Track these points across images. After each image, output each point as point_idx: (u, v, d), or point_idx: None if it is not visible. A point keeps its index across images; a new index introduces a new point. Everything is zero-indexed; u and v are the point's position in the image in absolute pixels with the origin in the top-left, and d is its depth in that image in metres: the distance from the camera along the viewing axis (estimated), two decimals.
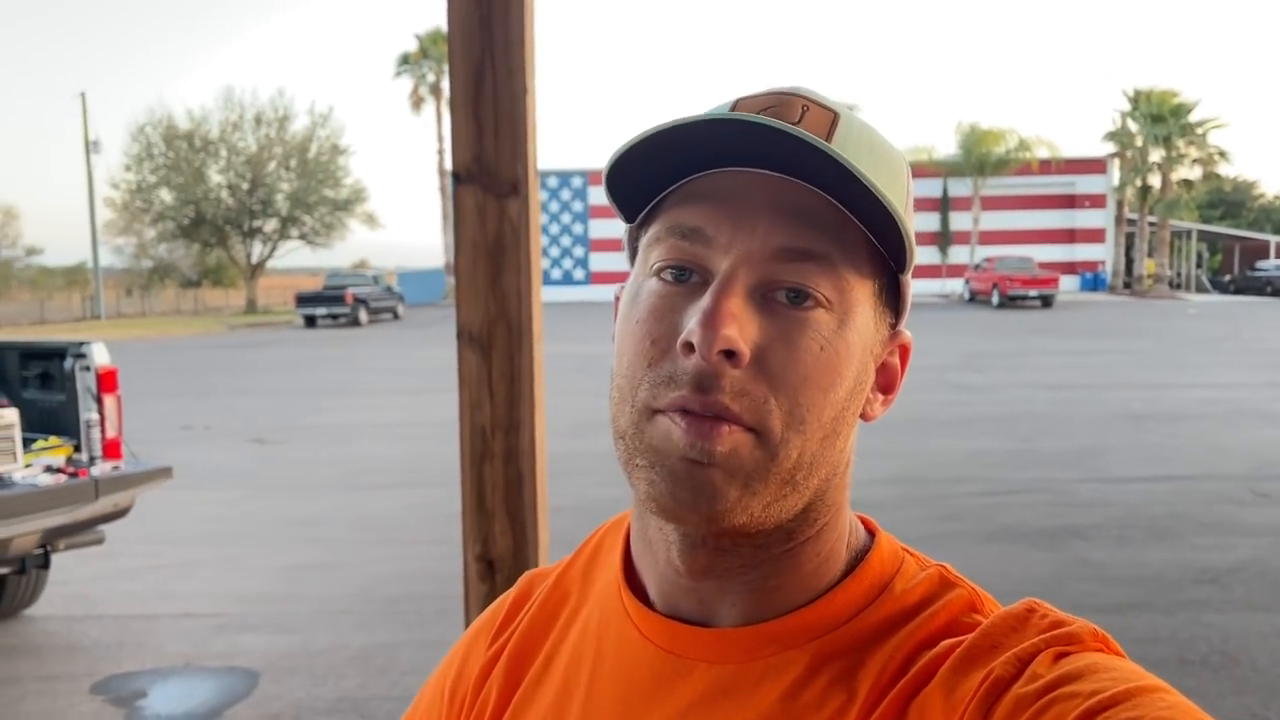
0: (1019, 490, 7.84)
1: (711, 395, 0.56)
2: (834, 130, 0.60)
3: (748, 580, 0.63)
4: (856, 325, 0.60)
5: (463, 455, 1.90)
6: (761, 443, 0.57)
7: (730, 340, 0.56)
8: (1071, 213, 42.31)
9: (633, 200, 0.64)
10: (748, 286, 0.58)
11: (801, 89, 0.63)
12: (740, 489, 0.57)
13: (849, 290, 0.60)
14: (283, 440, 10.86)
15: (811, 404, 0.58)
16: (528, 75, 1.79)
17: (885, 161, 0.62)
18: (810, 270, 0.58)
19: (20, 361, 5.19)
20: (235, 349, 23.94)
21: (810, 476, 0.60)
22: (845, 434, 0.62)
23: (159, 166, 41.38)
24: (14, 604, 5.23)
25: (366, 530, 7.09)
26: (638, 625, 0.66)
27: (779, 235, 0.58)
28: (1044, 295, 31.68)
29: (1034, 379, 14.70)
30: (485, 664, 0.75)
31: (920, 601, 0.62)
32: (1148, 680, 0.53)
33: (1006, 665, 0.56)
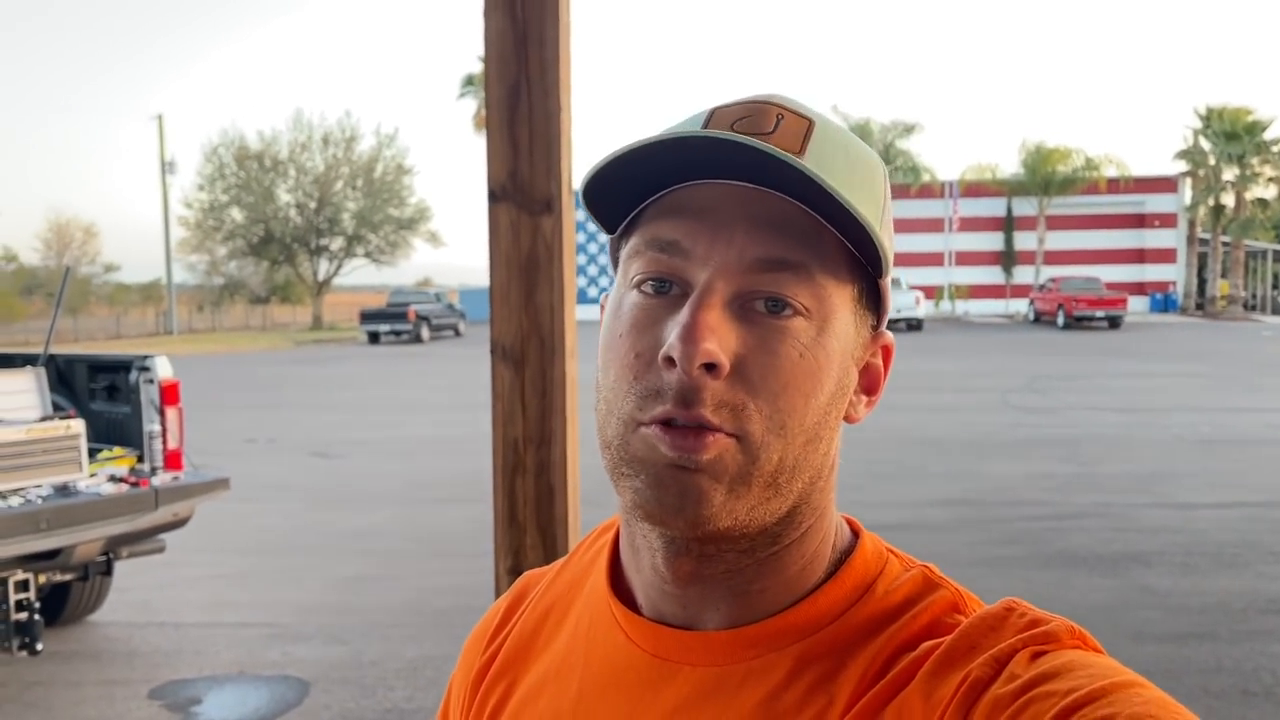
0: (1080, 515, 7.67)
1: (694, 409, 0.57)
2: (808, 138, 0.60)
3: (732, 585, 0.63)
4: (836, 331, 0.61)
5: (495, 468, 1.93)
6: (744, 448, 0.58)
7: (709, 354, 0.57)
8: (1141, 232, 41.42)
9: (613, 211, 0.64)
10: (726, 297, 0.59)
11: (776, 97, 0.63)
12: (725, 493, 0.58)
13: (827, 297, 0.60)
14: (343, 454, 11.04)
15: (792, 409, 0.59)
16: (563, 94, 1.82)
17: (860, 167, 0.62)
18: (787, 279, 0.59)
19: (88, 374, 5.36)
20: (300, 364, 24.42)
21: (793, 480, 0.60)
22: (828, 438, 0.62)
23: (230, 186, 42.51)
24: (77, 610, 5.38)
25: (421, 543, 7.17)
26: (624, 630, 0.67)
27: (755, 246, 0.59)
28: (1111, 316, 31.01)
29: (1099, 401, 14.39)
30: (481, 666, 0.76)
31: (903, 602, 0.62)
32: (1124, 676, 0.53)
33: (984, 666, 0.56)
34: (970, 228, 41.13)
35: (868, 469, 8.98)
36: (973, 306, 40.82)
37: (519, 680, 0.73)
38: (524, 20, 1.82)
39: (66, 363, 5.45)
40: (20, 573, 4.28)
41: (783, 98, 0.63)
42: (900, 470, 9.32)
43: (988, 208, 41.10)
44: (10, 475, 4.39)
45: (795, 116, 0.61)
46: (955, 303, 40.60)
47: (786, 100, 0.63)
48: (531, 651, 0.74)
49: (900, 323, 31.56)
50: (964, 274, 41.37)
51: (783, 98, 0.63)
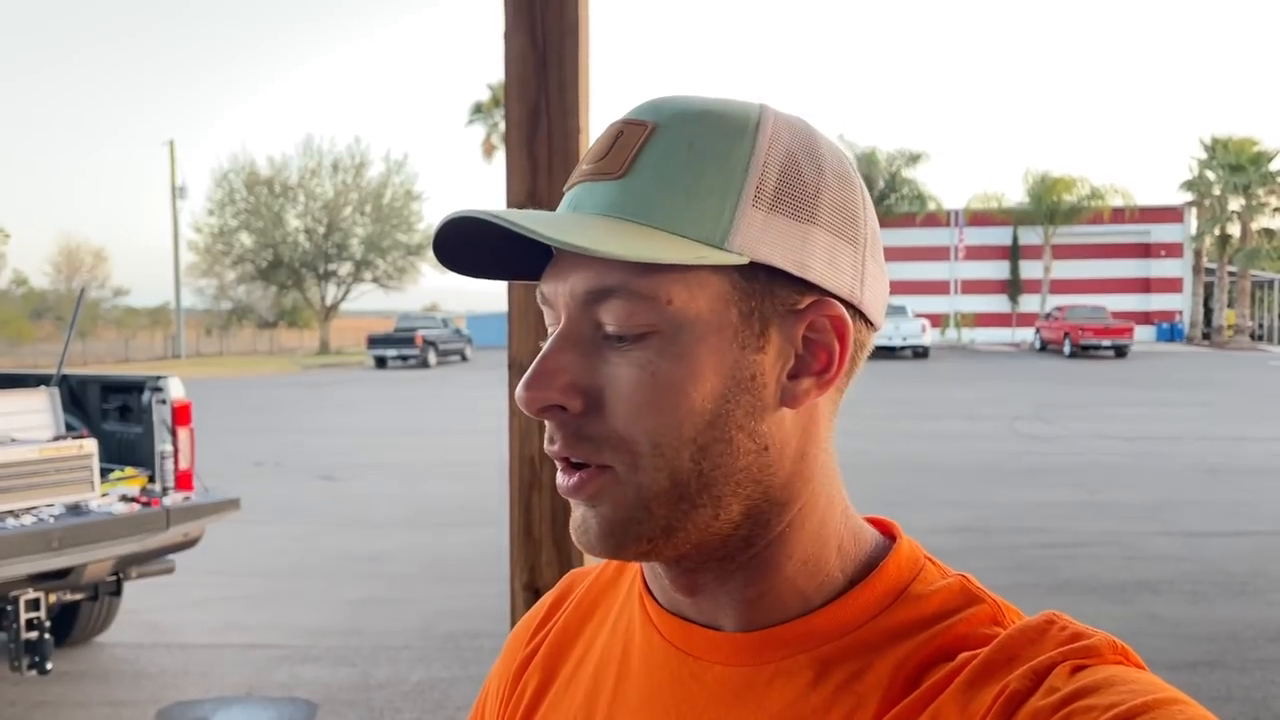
0: (1088, 543, 7.65)
1: (556, 445, 0.60)
2: (641, 147, 0.60)
3: (730, 591, 0.63)
4: (699, 333, 0.58)
5: (511, 485, 1.94)
6: (619, 477, 0.59)
7: (539, 400, 0.59)
8: (1147, 262, 41.45)
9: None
10: (578, 336, 0.60)
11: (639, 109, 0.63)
12: (624, 522, 0.60)
13: (670, 305, 0.58)
14: (351, 477, 11.05)
15: (659, 428, 0.58)
16: (581, 114, 1.86)
17: (710, 148, 0.60)
18: (615, 306, 0.58)
19: (101, 394, 5.39)
20: (308, 388, 24.46)
21: (705, 489, 0.59)
22: (743, 436, 0.59)
23: (240, 211, 42.76)
24: (86, 631, 5.38)
25: (429, 567, 7.17)
26: (659, 628, 0.68)
27: (581, 280, 0.59)
28: (1117, 345, 30.98)
29: (1106, 430, 14.36)
30: (523, 659, 0.77)
31: (938, 611, 0.62)
32: (1167, 692, 0.52)
33: (1023, 678, 0.55)
34: (976, 256, 41.19)
35: (877, 495, 8.97)
36: (979, 335, 40.81)
37: (557, 674, 0.74)
38: (544, 42, 1.86)
39: (79, 383, 5.49)
40: (31, 592, 4.29)
41: (646, 107, 0.63)
42: (909, 497, 9.30)
43: (994, 236, 41.17)
44: (23, 494, 4.42)
45: (635, 127, 0.61)
46: (961, 331, 40.60)
47: (642, 111, 0.62)
48: (573, 647, 0.75)
49: (906, 350, 31.57)
50: (970, 302, 41.39)
51: (646, 107, 0.63)
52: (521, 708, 0.75)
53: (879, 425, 14.95)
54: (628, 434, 0.59)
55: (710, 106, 0.62)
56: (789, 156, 0.61)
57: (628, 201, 0.59)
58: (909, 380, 23.78)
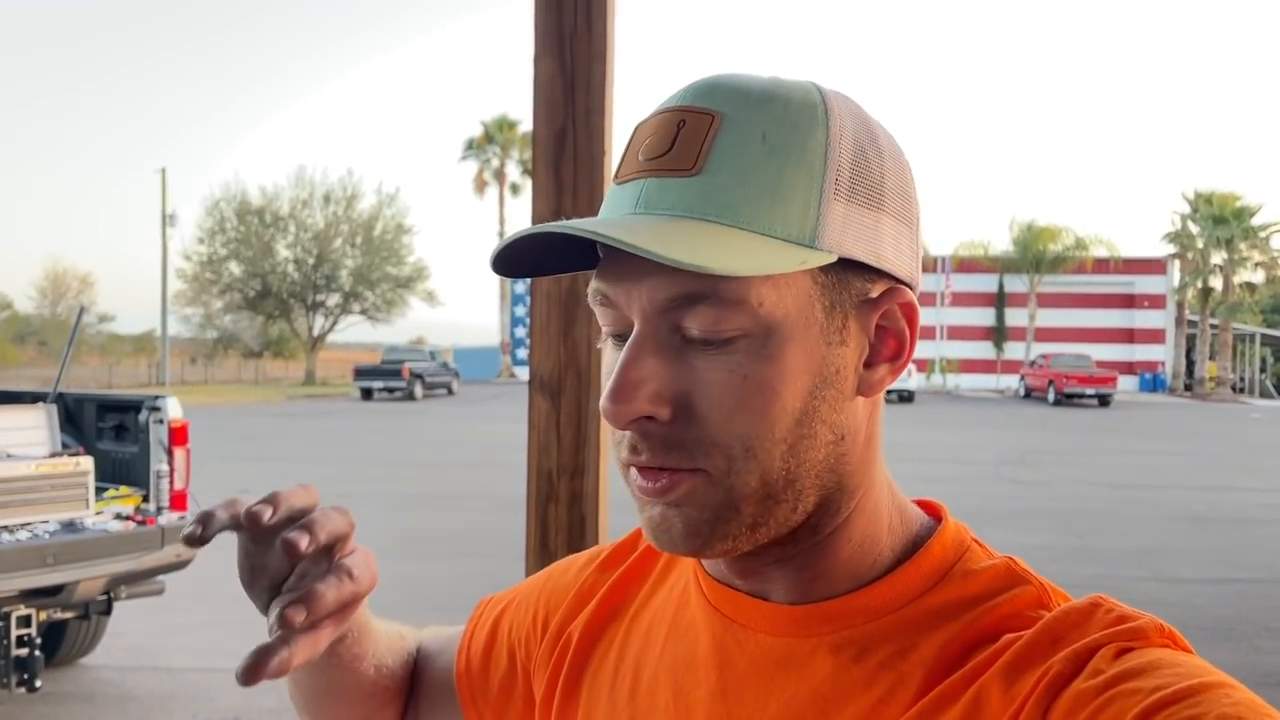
0: (1076, 586, 7.40)
1: (643, 456, 0.58)
2: (711, 139, 0.58)
3: (786, 570, 0.64)
4: (787, 333, 0.58)
5: (529, 497, 1.98)
6: (711, 481, 0.58)
7: (631, 413, 0.57)
8: (1130, 312, 41.86)
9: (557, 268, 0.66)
10: (657, 340, 0.58)
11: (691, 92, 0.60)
12: (711, 523, 0.59)
13: (761, 308, 0.57)
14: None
15: (753, 431, 0.58)
16: (606, 138, 1.91)
17: (785, 140, 0.58)
18: (702, 312, 0.57)
19: (97, 413, 5.39)
20: (293, 418, 24.35)
21: (790, 485, 0.59)
22: (825, 428, 0.60)
23: (230, 240, 42.76)
24: (73, 651, 5.34)
25: (415, 597, 7.12)
26: (706, 594, 0.69)
27: (662, 287, 0.57)
28: (1101, 394, 31.21)
29: (1091, 476, 14.44)
30: (587, 586, 0.78)
31: (982, 591, 0.61)
32: (1214, 676, 0.52)
33: (1066, 661, 0.55)
34: (962, 303, 41.52)
35: None
36: (964, 380, 41.03)
37: (614, 622, 0.76)
38: (572, 67, 1.92)
39: (76, 401, 5.48)
40: (23, 608, 4.26)
41: (700, 88, 0.60)
42: None
43: (980, 283, 41.52)
44: (19, 510, 4.41)
45: (698, 116, 0.59)
46: (946, 376, 40.82)
47: (699, 95, 0.60)
48: (630, 603, 0.76)
49: (892, 395, 31.70)
50: (955, 348, 41.65)
51: (700, 88, 0.60)
52: (573, 650, 0.76)
53: None
54: (721, 438, 0.58)
55: (770, 90, 0.60)
56: (856, 143, 0.60)
57: (709, 202, 0.57)
58: (893, 424, 23.70)
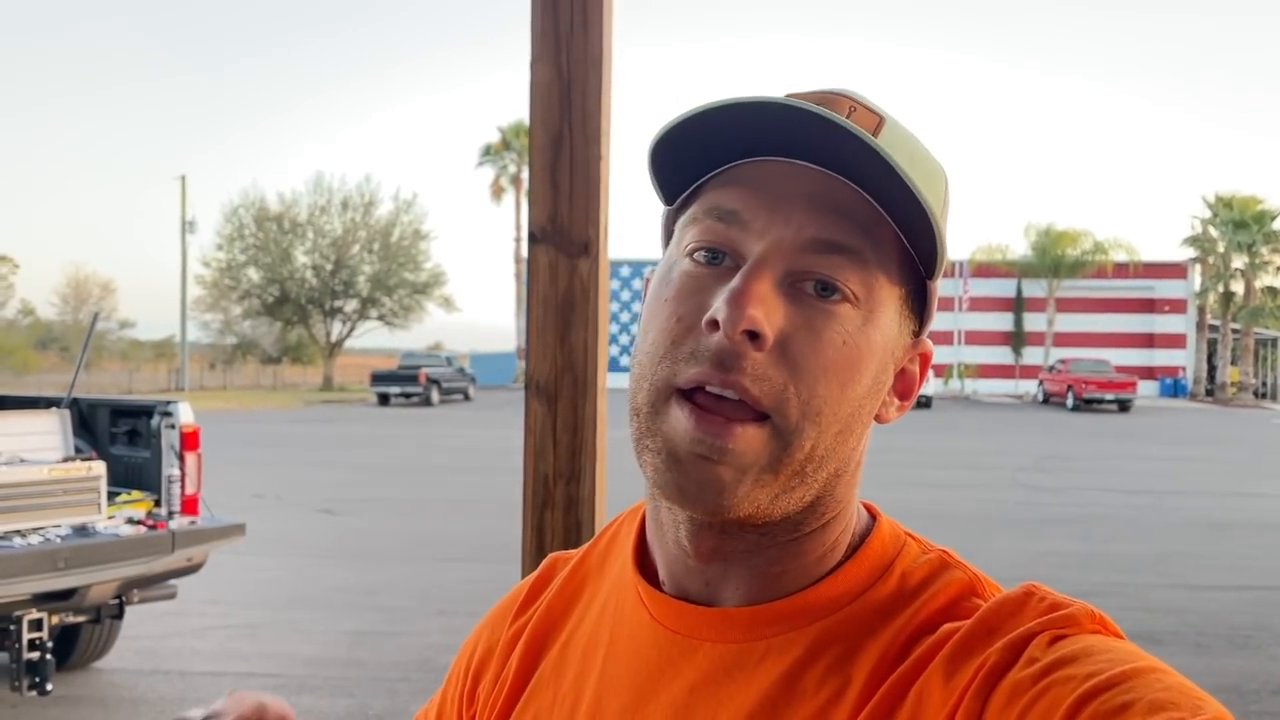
0: (1091, 593, 7.57)
1: (732, 374, 0.57)
2: (879, 133, 0.61)
3: (752, 565, 0.63)
4: (880, 325, 0.61)
5: (525, 502, 1.97)
6: (776, 434, 0.58)
7: (755, 321, 0.56)
8: (1150, 317, 41.57)
9: (673, 183, 0.64)
10: (777, 274, 0.59)
11: (849, 90, 0.63)
12: (750, 483, 0.58)
13: (876, 289, 0.60)
14: (351, 512, 11.04)
15: (829, 396, 0.59)
16: (603, 143, 1.91)
17: (925, 169, 0.63)
18: (840, 263, 0.59)
19: (110, 418, 5.42)
20: (310, 423, 24.46)
21: (820, 469, 0.60)
22: (859, 431, 0.62)
23: (249, 246, 43.03)
24: (86, 654, 5.37)
25: (427, 601, 7.15)
26: (648, 607, 0.67)
27: (813, 226, 0.59)
28: (1121, 399, 30.98)
29: (1109, 483, 14.33)
30: (507, 641, 0.76)
31: (920, 584, 0.62)
32: (1145, 661, 0.53)
33: (1003, 650, 0.55)
34: (980, 307, 41.33)
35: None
36: (982, 386, 40.83)
37: (542, 656, 0.73)
38: (569, 71, 1.92)
39: (89, 406, 5.52)
40: (34, 612, 4.29)
41: (855, 92, 0.63)
42: None
43: (998, 288, 41.34)
44: (31, 514, 4.44)
45: (867, 111, 0.62)
46: (964, 381, 40.63)
47: (858, 95, 0.63)
48: (559, 629, 0.74)
49: None
50: (973, 353, 41.46)
51: (855, 92, 0.63)
52: (506, 690, 0.74)
53: (880, 474, 14.93)
54: (803, 390, 0.58)
55: (908, 127, 0.65)
56: (949, 210, 0.66)
57: (887, 173, 0.58)
58: (911, 429, 23.75)
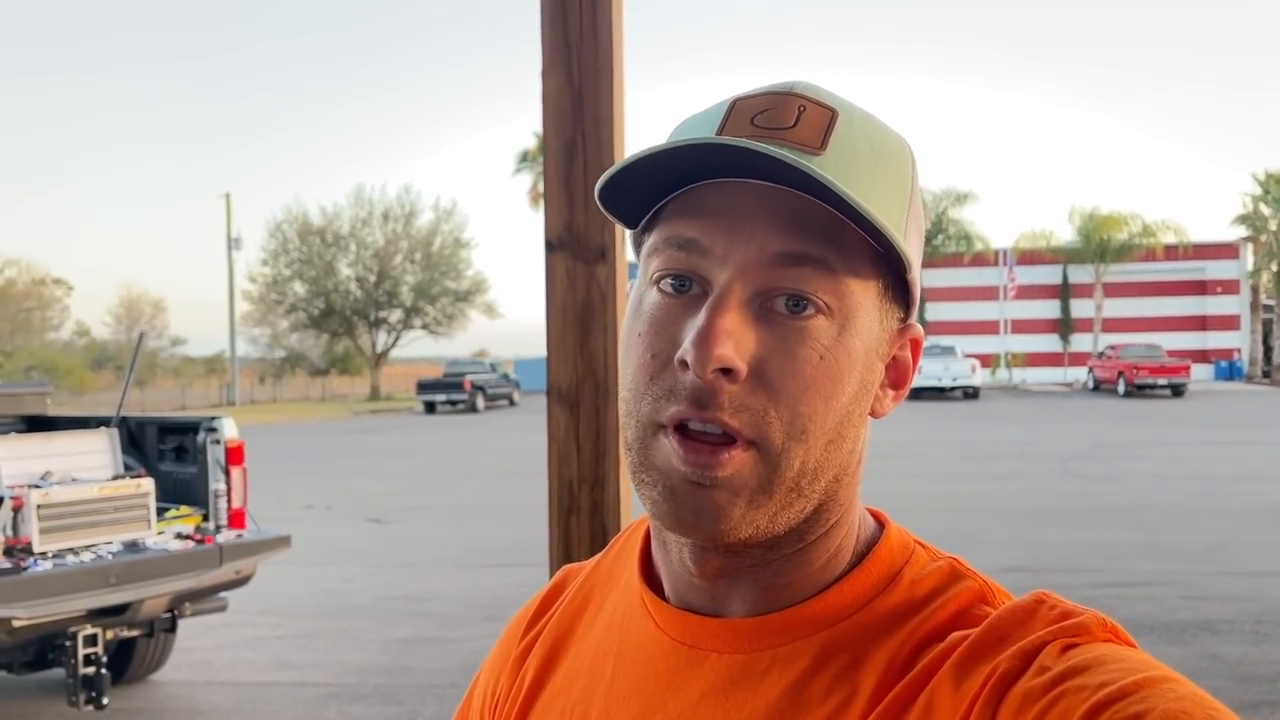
0: (1146, 583, 7.49)
1: (709, 411, 0.57)
2: (830, 131, 0.59)
3: (758, 578, 0.64)
4: (858, 329, 0.60)
5: (550, 509, 1.98)
6: (763, 457, 0.58)
7: (723, 359, 0.56)
8: (1203, 299, 40.73)
9: (634, 204, 0.64)
10: (745, 298, 0.58)
11: (799, 85, 0.62)
12: (745, 506, 0.58)
13: (849, 294, 0.59)
14: (399, 520, 11.15)
15: (813, 413, 0.58)
16: (616, 149, 1.92)
17: (887, 156, 0.61)
18: (808, 275, 0.58)
19: (158, 435, 5.54)
20: (358, 433, 24.75)
21: (816, 481, 0.60)
22: (851, 436, 0.62)
23: (293, 260, 43.63)
24: (142, 668, 5.48)
25: (476, 607, 7.20)
26: (655, 618, 0.67)
27: (776, 241, 0.58)
28: (1174, 384, 30.38)
29: (1163, 470, 14.07)
30: (520, 653, 0.77)
31: (930, 593, 0.62)
32: (1157, 671, 0.52)
33: (1013, 658, 0.55)
34: (1026, 295, 40.77)
35: (926, 536, 8.83)
36: (1030, 375, 40.27)
37: (554, 667, 0.74)
38: (580, 79, 1.93)
39: (138, 425, 5.64)
40: (89, 628, 4.39)
41: (806, 86, 0.62)
42: (958, 538, 9.17)
43: (1043, 275, 40.75)
44: (83, 531, 4.54)
45: (817, 107, 0.60)
46: (1012, 371, 40.10)
47: (809, 89, 0.62)
48: (569, 640, 0.75)
49: (956, 391, 31.24)
50: (1020, 342, 40.91)
51: (806, 86, 0.62)
52: (519, 701, 0.74)
53: (929, 466, 14.78)
54: (785, 412, 0.58)
55: (869, 112, 0.63)
56: (918, 191, 0.64)
57: (839, 179, 0.57)
58: (959, 420, 23.49)
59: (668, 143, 0.58)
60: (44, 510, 4.47)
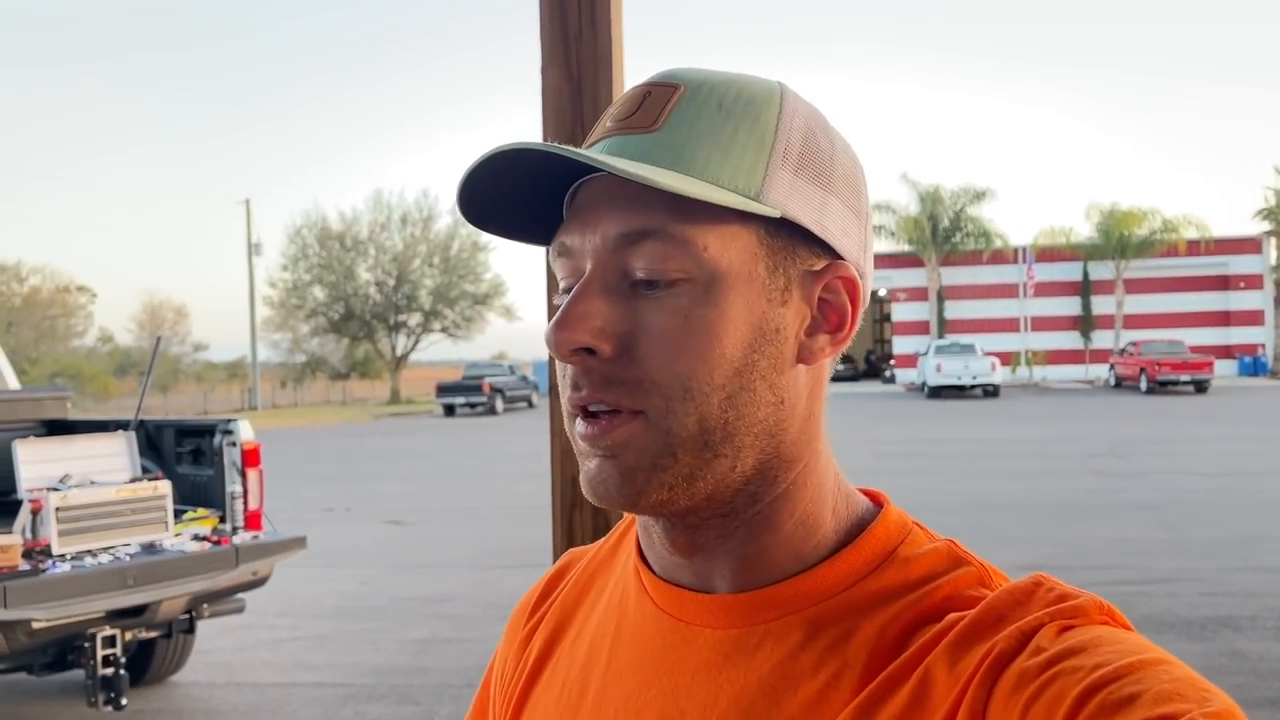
0: (1167, 579, 7.42)
1: (584, 391, 0.60)
2: (668, 105, 0.62)
3: (729, 549, 0.64)
4: (730, 283, 0.60)
5: (554, 504, 1.99)
6: (651, 422, 0.60)
7: (573, 341, 0.59)
8: (1225, 294, 40.36)
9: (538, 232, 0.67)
10: (606, 282, 0.61)
11: (659, 75, 0.65)
12: (647, 470, 0.60)
13: (704, 254, 0.60)
14: (418, 522, 11.19)
15: (692, 372, 0.59)
16: None
17: (739, 110, 0.62)
18: (652, 248, 0.60)
19: (175, 438, 5.57)
20: (378, 436, 24.86)
21: (731, 437, 0.61)
22: (764, 387, 0.62)
23: (313, 265, 43.88)
24: (161, 670, 5.52)
25: (494, 608, 7.21)
26: (651, 596, 0.69)
27: (615, 224, 0.60)
28: (1197, 380, 30.11)
29: (1186, 466, 13.94)
30: (525, 635, 0.79)
31: (925, 574, 0.62)
32: (1152, 653, 0.53)
33: (1010, 638, 0.55)
34: (1045, 293, 40.52)
35: (945, 533, 8.80)
36: (1051, 372, 40.01)
37: (556, 647, 0.76)
38: (579, 75, 1.93)
39: (155, 428, 5.68)
40: (108, 629, 4.42)
41: (667, 73, 0.65)
42: (980, 535, 9.12)
43: (1063, 272, 40.49)
44: (101, 534, 4.58)
45: (663, 89, 0.63)
46: (1033, 369, 39.84)
47: (666, 75, 0.65)
48: (572, 621, 0.76)
49: (976, 389, 31.07)
50: (1041, 339, 40.66)
51: (667, 73, 0.65)
52: (522, 680, 0.77)
53: (949, 464, 14.71)
54: (661, 378, 0.59)
55: (732, 76, 0.65)
56: (808, 126, 0.64)
57: (664, 153, 0.60)
58: (979, 418, 23.36)
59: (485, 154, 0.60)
60: (63, 513, 4.50)
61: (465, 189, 0.63)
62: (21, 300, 47.94)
